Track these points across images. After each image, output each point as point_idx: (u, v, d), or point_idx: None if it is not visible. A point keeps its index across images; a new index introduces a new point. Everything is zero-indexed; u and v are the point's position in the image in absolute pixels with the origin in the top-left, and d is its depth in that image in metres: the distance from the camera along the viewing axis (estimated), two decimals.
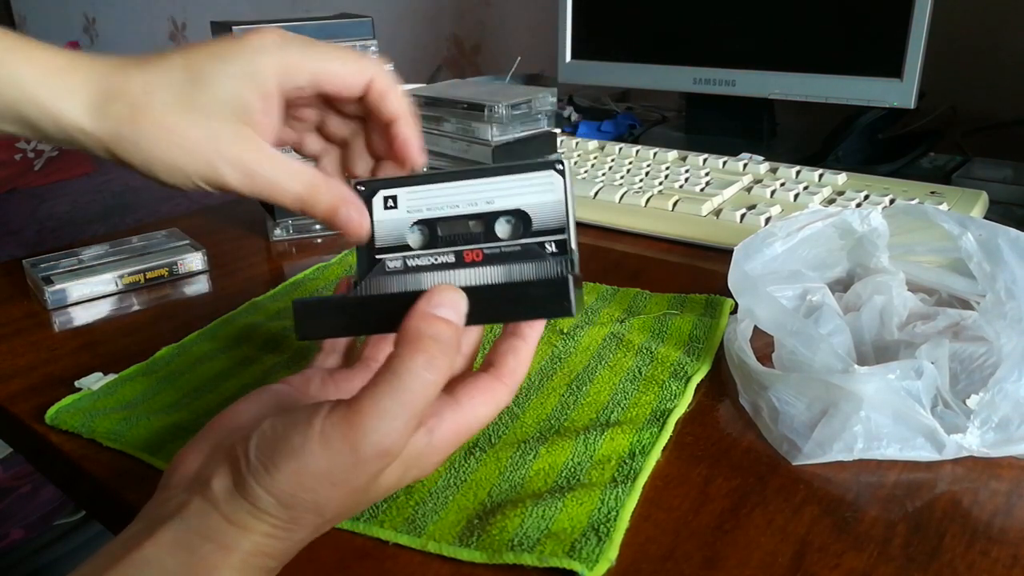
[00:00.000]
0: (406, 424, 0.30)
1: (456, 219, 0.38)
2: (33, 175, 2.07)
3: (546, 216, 0.37)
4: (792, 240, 0.53)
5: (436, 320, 0.32)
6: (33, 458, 0.51)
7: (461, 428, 0.34)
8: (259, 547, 0.31)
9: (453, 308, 0.33)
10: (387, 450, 0.30)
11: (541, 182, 0.37)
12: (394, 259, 0.38)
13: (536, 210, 0.37)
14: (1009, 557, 0.35)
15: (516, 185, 0.38)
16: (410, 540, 0.37)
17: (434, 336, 0.31)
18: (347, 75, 0.38)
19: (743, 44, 0.91)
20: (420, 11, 1.65)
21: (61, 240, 1.71)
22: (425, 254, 0.38)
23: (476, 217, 0.38)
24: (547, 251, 0.37)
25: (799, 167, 0.78)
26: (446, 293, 0.33)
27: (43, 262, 0.67)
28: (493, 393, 0.35)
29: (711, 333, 0.53)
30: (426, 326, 0.32)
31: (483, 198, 0.38)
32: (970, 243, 0.47)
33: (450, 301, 0.33)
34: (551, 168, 0.37)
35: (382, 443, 0.30)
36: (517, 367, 0.36)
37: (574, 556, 0.34)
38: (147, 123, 0.36)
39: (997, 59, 0.97)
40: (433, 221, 0.38)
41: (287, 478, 0.30)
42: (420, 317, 0.32)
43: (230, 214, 0.85)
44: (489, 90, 0.72)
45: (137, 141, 0.36)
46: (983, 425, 0.40)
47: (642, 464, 0.41)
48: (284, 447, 0.30)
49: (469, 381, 0.35)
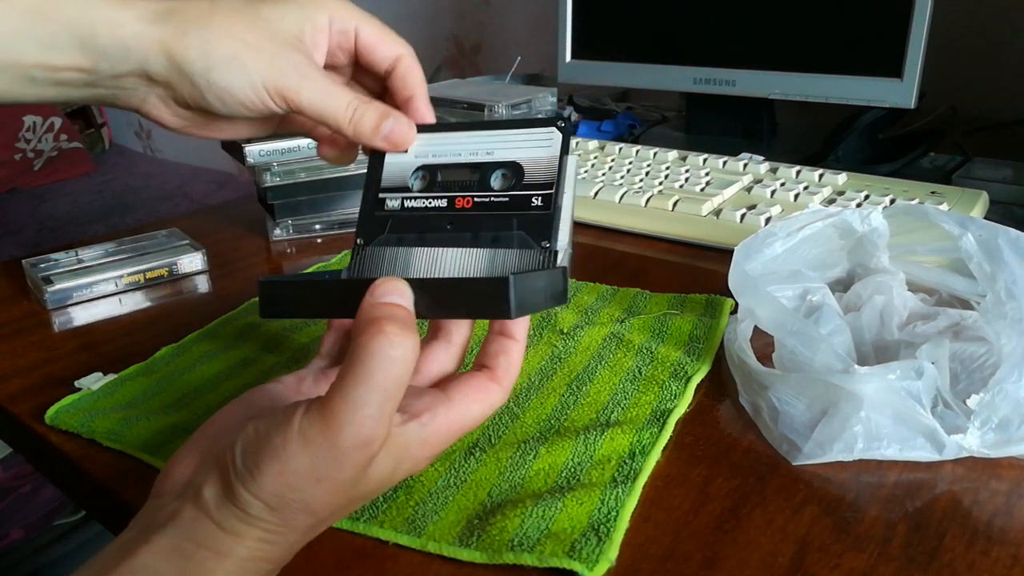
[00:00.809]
0: (380, 408, 0.30)
1: (455, 167, 0.40)
2: (33, 175, 2.07)
3: (539, 170, 0.39)
4: (792, 240, 0.53)
5: (386, 304, 0.32)
6: (33, 458, 0.51)
7: (454, 424, 0.34)
8: (254, 552, 0.30)
9: (398, 294, 0.33)
10: (367, 439, 0.30)
11: (541, 138, 0.39)
12: (394, 198, 0.41)
13: (530, 164, 0.39)
14: (1009, 557, 0.35)
15: (518, 139, 0.39)
16: (410, 540, 0.37)
17: (389, 315, 0.31)
18: (384, 41, 0.42)
19: (743, 44, 0.91)
20: (420, 11, 1.65)
21: (61, 240, 1.71)
22: (421, 196, 0.41)
23: (474, 167, 0.40)
24: (532, 204, 0.38)
25: (799, 167, 0.78)
26: (388, 283, 0.33)
27: (43, 262, 0.67)
28: (487, 392, 0.35)
29: (711, 333, 0.53)
30: (378, 310, 0.32)
31: (485, 149, 0.40)
32: (970, 243, 0.47)
33: (394, 289, 0.33)
34: (552, 125, 0.39)
35: (360, 433, 0.30)
36: (510, 367, 0.36)
37: (574, 556, 0.34)
38: (215, 23, 0.38)
39: (997, 59, 0.97)
40: (435, 167, 0.41)
41: (272, 480, 0.30)
42: (370, 306, 0.32)
43: (230, 214, 0.85)
44: (489, 90, 0.72)
45: (204, 35, 0.37)
46: (983, 426, 0.40)
47: (642, 464, 0.41)
48: (267, 448, 0.30)
49: (462, 379, 0.35)
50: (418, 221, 0.40)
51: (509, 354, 0.36)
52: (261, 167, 0.73)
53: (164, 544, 0.30)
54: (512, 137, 0.39)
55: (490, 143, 0.40)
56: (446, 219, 0.40)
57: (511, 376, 0.36)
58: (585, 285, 0.62)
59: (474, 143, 0.40)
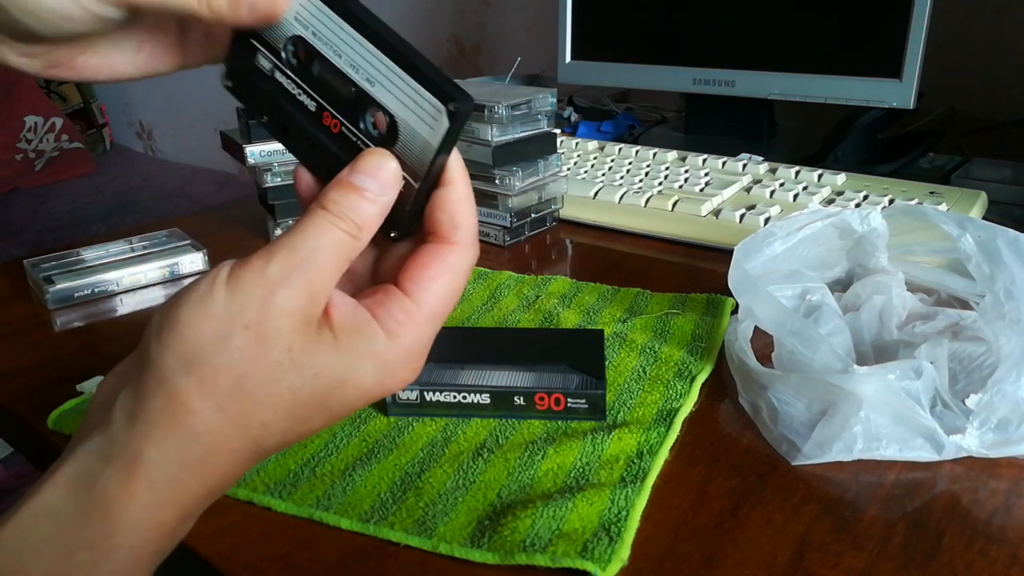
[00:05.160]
0: (316, 281, 0.27)
1: (334, 70, 0.31)
2: (34, 175, 2.07)
3: (411, 150, 0.30)
4: (792, 240, 0.53)
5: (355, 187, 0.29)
6: (34, 458, 0.51)
7: (424, 317, 0.29)
8: (167, 455, 0.26)
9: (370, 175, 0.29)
10: (301, 306, 0.27)
11: (428, 110, 0.29)
12: (268, 59, 0.33)
13: (406, 133, 0.30)
14: (1008, 556, 0.35)
15: (405, 89, 0.30)
16: (421, 542, 0.37)
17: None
18: None
19: (743, 44, 0.91)
20: (420, 12, 1.65)
21: (62, 240, 1.71)
22: (291, 77, 0.32)
23: (352, 86, 0.31)
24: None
25: (798, 167, 0.79)
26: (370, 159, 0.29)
27: (44, 262, 0.67)
28: (442, 260, 0.30)
29: (713, 332, 0.53)
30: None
31: (369, 71, 0.30)
32: (969, 244, 0.47)
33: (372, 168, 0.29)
34: (444, 104, 0.29)
35: (295, 297, 0.27)
36: (455, 215, 0.30)
37: (587, 556, 0.34)
38: None
39: (997, 59, 0.97)
40: (312, 51, 0.31)
41: (189, 329, 0.26)
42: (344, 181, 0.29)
43: (231, 214, 0.85)
44: (489, 91, 0.72)
45: None
46: (982, 426, 0.40)
47: (651, 464, 0.41)
48: (187, 297, 0.27)
49: (408, 265, 0.30)
50: (281, 106, 0.33)
51: (445, 205, 0.30)
52: (262, 167, 0.73)
53: (69, 472, 0.26)
54: (400, 80, 0.30)
55: (376, 68, 0.30)
56: (309, 131, 0.32)
57: (462, 229, 0.30)
58: (586, 285, 0.62)
59: (359, 53, 0.30)
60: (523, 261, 0.69)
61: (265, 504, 0.39)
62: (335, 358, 0.28)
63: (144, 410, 0.26)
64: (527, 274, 0.65)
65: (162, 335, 0.27)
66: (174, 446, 0.26)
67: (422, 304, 0.29)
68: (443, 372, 0.46)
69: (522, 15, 1.48)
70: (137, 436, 0.26)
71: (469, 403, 0.45)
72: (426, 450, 0.43)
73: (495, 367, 0.47)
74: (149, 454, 0.26)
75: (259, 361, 0.26)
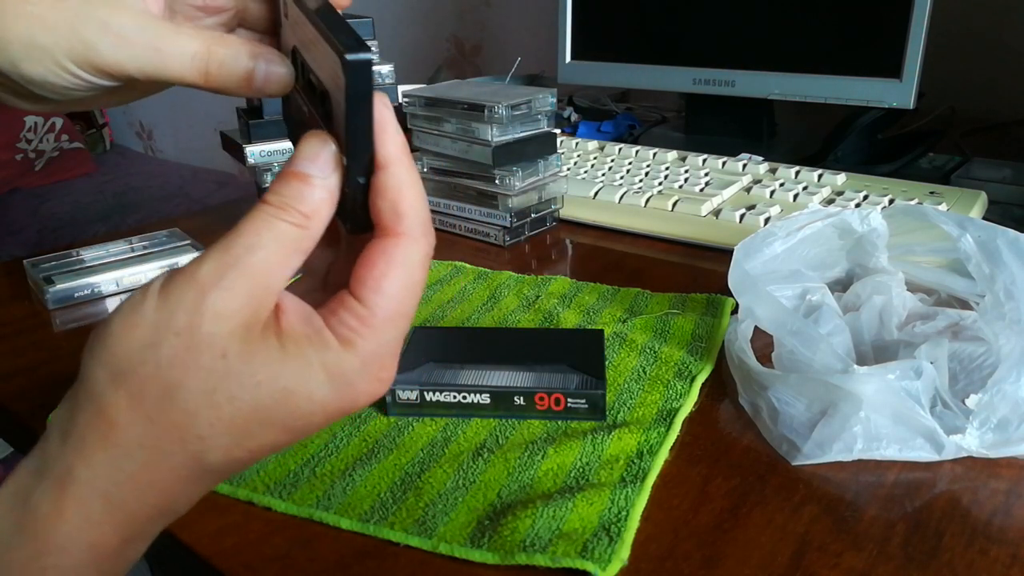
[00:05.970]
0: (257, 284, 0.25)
1: (310, 71, 0.29)
2: (34, 175, 2.07)
3: (340, 123, 0.26)
4: (792, 240, 0.53)
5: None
6: None
7: (380, 321, 0.26)
8: (98, 471, 0.24)
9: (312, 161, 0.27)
10: (235, 310, 0.25)
11: (335, 69, 0.25)
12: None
13: (335, 107, 0.26)
14: (1008, 556, 0.35)
15: (319, 50, 0.27)
16: (421, 542, 0.37)
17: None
18: None
19: (743, 44, 0.91)
20: (420, 12, 1.65)
21: (62, 240, 1.71)
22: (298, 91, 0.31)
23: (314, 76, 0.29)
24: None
25: (798, 167, 0.79)
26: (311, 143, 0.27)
27: (44, 262, 0.67)
28: (388, 256, 0.27)
29: (713, 332, 0.53)
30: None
31: (313, 55, 0.28)
32: (969, 244, 0.47)
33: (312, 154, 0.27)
34: (339, 59, 0.24)
35: (230, 301, 0.25)
36: (397, 203, 0.27)
37: (587, 556, 0.34)
38: (7, 3, 0.29)
39: (997, 59, 0.97)
40: (302, 60, 0.30)
41: (119, 340, 0.24)
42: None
43: (231, 214, 0.85)
44: (489, 91, 0.72)
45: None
46: (982, 426, 0.40)
47: (651, 464, 0.41)
48: (120, 308, 0.25)
49: (357, 265, 0.27)
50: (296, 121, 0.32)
51: (385, 192, 0.27)
52: (262, 167, 0.73)
53: (11, 488, 0.25)
54: (318, 44, 0.27)
55: (315, 49, 0.27)
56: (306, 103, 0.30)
57: (407, 217, 0.27)
58: (586, 285, 0.62)
59: (312, 40, 0.28)
60: (523, 261, 0.70)
61: (265, 504, 0.39)
62: (279, 367, 0.25)
63: (75, 425, 0.25)
64: (527, 274, 0.65)
65: (93, 347, 0.25)
66: (104, 462, 0.25)
67: (375, 308, 0.26)
68: (443, 372, 0.47)
69: (522, 15, 1.48)
70: (68, 452, 0.25)
71: (469, 403, 0.45)
72: (426, 450, 0.43)
73: (495, 367, 0.47)
74: (79, 471, 0.24)
75: (190, 369, 0.25)
